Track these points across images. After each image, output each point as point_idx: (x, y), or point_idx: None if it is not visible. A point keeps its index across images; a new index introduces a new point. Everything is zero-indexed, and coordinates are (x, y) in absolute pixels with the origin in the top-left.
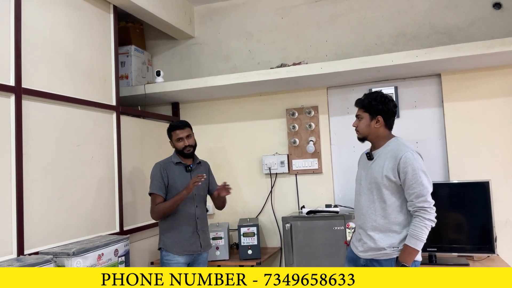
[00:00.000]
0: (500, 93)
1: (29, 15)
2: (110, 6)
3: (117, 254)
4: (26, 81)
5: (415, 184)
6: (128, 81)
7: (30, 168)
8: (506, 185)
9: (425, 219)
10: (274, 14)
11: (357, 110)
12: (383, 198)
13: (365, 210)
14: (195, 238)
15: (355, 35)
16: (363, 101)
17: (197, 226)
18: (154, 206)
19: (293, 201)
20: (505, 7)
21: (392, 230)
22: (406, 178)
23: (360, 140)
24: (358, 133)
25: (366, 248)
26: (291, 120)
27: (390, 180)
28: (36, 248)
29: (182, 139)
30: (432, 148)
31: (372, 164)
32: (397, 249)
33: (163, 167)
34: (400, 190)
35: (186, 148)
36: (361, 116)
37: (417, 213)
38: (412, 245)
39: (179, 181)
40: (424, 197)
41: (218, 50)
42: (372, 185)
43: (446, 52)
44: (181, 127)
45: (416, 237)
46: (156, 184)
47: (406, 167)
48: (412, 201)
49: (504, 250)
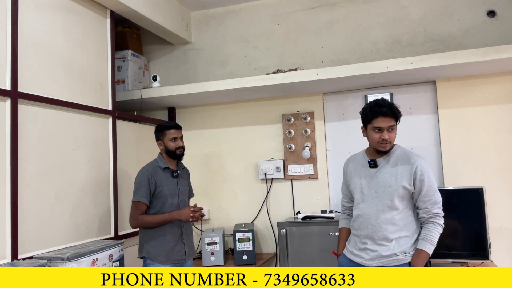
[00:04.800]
0: (495, 100)
1: (26, 19)
2: (107, 11)
3: (112, 259)
4: (22, 85)
5: (431, 192)
6: (124, 85)
7: (25, 172)
8: (500, 192)
9: (439, 225)
10: (271, 20)
11: (389, 120)
12: (394, 205)
13: (374, 219)
14: (180, 246)
15: (351, 42)
16: (395, 111)
17: (182, 234)
18: (137, 215)
19: (289, 207)
20: (499, 15)
21: (403, 236)
22: (422, 186)
23: (384, 153)
24: (389, 145)
25: (374, 256)
26: (287, 125)
27: (406, 188)
28: (30, 253)
29: (177, 139)
30: (426, 154)
31: (378, 172)
32: (409, 254)
33: (150, 173)
34: (409, 197)
35: (179, 149)
36: (394, 126)
37: (432, 219)
38: (427, 250)
39: (166, 188)
40: (439, 204)
41: (214, 55)
42: (381, 193)
43: (441, 60)
44: (177, 127)
45: (431, 242)
46: (142, 192)
47: (422, 175)
48: (427, 208)
49: (498, 256)
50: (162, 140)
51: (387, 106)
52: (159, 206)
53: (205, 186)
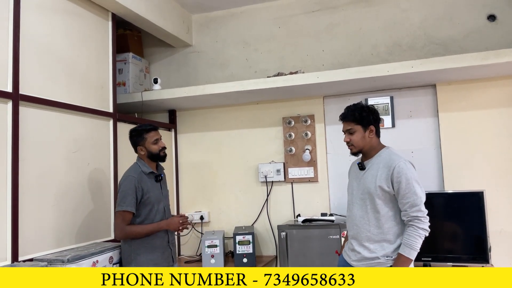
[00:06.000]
0: (495, 104)
1: (27, 22)
2: (108, 13)
3: (112, 262)
4: (24, 87)
5: (409, 194)
6: (125, 88)
7: (26, 174)
8: (500, 195)
9: (418, 228)
10: (272, 24)
11: (346, 125)
12: (376, 208)
13: (359, 220)
14: (168, 253)
15: (352, 45)
16: (354, 114)
17: (169, 240)
18: (124, 226)
19: (289, 210)
20: (499, 19)
21: (385, 239)
22: (400, 188)
23: (354, 154)
24: (353, 147)
25: (360, 257)
26: (287, 128)
27: (384, 190)
28: (31, 255)
29: (158, 140)
30: (427, 158)
31: (364, 174)
32: (391, 258)
33: (137, 180)
34: (393, 200)
35: (162, 150)
36: (353, 129)
37: (411, 223)
38: (406, 254)
39: (153, 193)
40: (418, 207)
41: (215, 58)
42: (365, 195)
43: (441, 63)
44: (155, 129)
45: (410, 246)
46: (130, 200)
47: (399, 176)
48: (406, 211)
49: (498, 260)
50: (143, 145)
51: (345, 111)
52: (146, 214)
53: (205, 189)
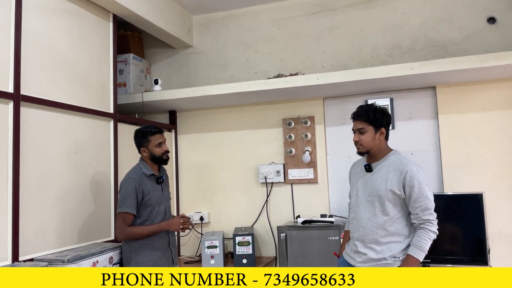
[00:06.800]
0: (494, 106)
1: (29, 23)
2: (109, 14)
3: (112, 262)
4: (25, 88)
5: (421, 198)
6: (126, 89)
7: (27, 175)
8: (500, 197)
9: (429, 231)
10: (272, 25)
11: (358, 124)
12: (385, 210)
13: (365, 222)
14: (168, 255)
15: (352, 47)
16: (368, 114)
17: (170, 241)
18: (125, 228)
19: (289, 211)
20: (499, 22)
21: (393, 241)
22: (412, 191)
23: (361, 154)
24: (361, 147)
25: (365, 259)
26: (287, 129)
27: (395, 193)
28: (31, 255)
29: (162, 143)
30: (426, 159)
31: (371, 176)
32: (398, 259)
33: (138, 181)
34: (402, 202)
35: (166, 153)
36: (365, 129)
37: (422, 225)
38: (416, 256)
39: (154, 195)
40: (430, 210)
41: (216, 59)
42: (373, 197)
43: (441, 65)
44: (160, 132)
45: (420, 248)
46: (130, 202)
47: (412, 181)
48: (418, 214)
49: (497, 262)
50: (147, 147)
51: (359, 110)
52: (146, 215)
53: (205, 190)
